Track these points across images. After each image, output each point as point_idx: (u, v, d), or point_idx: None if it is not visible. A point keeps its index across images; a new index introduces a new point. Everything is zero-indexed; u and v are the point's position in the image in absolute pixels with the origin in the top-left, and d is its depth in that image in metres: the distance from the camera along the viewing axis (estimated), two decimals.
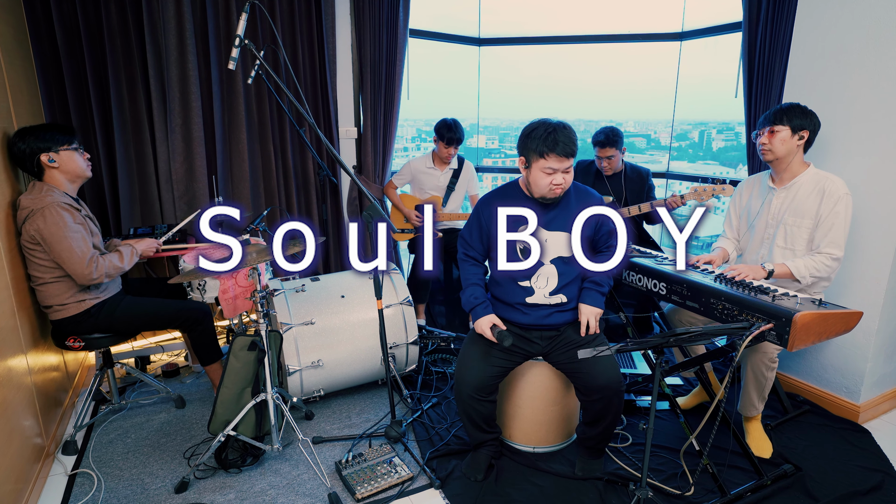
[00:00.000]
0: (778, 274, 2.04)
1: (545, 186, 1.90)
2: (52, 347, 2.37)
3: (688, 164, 4.27)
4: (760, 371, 2.16)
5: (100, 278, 2.10)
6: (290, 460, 2.21)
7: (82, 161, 2.17)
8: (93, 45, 2.77)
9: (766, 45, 2.73)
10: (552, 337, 2.05)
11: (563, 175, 1.88)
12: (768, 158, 2.17)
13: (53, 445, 2.25)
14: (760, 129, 2.19)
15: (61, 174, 2.12)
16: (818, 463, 2.19)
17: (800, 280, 2.04)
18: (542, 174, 1.88)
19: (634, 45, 3.84)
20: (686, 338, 1.56)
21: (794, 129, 2.10)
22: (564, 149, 1.83)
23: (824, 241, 2.06)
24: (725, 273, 1.98)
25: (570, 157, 1.86)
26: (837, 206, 2.04)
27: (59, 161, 2.10)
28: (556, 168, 1.86)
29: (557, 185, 1.89)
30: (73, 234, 2.03)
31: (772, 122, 2.13)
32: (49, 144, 2.08)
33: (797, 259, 2.08)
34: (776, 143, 2.13)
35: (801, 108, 2.12)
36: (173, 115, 2.93)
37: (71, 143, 2.13)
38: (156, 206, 3.04)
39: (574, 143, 1.86)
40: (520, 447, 2.28)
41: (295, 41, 3.21)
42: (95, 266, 2.08)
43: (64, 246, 2.01)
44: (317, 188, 3.46)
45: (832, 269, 2.06)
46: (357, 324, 2.58)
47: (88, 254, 2.07)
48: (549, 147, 1.83)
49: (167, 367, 2.95)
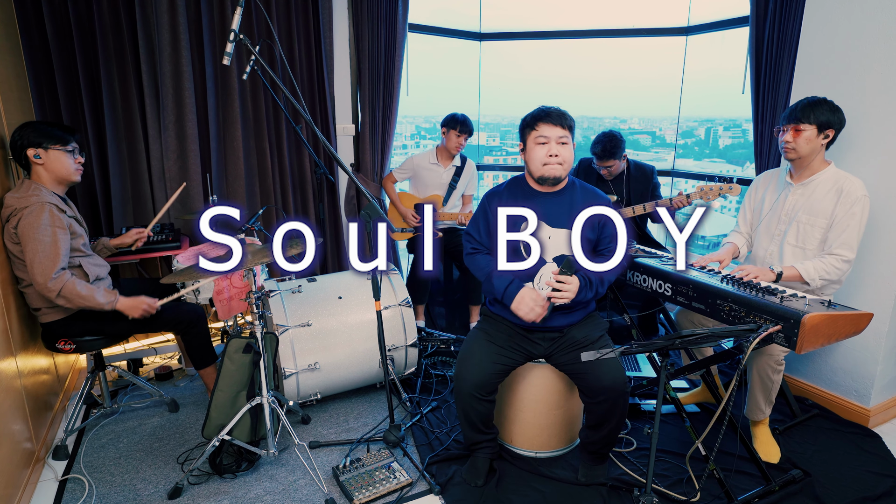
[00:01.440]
0: (786, 277, 2.04)
1: (541, 161, 1.93)
2: (43, 350, 2.36)
3: (694, 162, 4.27)
4: (767, 374, 2.16)
5: (51, 293, 2.01)
6: (286, 465, 2.21)
7: (71, 164, 2.16)
8: (84, 40, 2.77)
9: (775, 40, 2.73)
10: (554, 339, 2.06)
11: (559, 146, 1.91)
12: (791, 157, 2.15)
13: (44, 450, 2.24)
14: (784, 126, 2.14)
15: (46, 173, 2.12)
16: (827, 468, 2.19)
17: (809, 283, 2.04)
18: (537, 147, 1.93)
19: (639, 40, 3.84)
20: (692, 340, 1.56)
21: (821, 127, 2.06)
22: (555, 118, 1.90)
23: (836, 241, 2.06)
24: (734, 274, 1.98)
25: (564, 127, 1.90)
26: (854, 208, 2.02)
27: (45, 159, 2.09)
28: (549, 136, 1.90)
29: (553, 156, 1.91)
30: (44, 237, 2.00)
31: (797, 120, 2.08)
32: (41, 140, 2.08)
33: (806, 261, 2.07)
34: (801, 143, 2.09)
35: (828, 104, 2.06)
36: (166, 112, 2.92)
37: (65, 144, 2.12)
38: (148, 204, 3.04)
39: (567, 116, 1.92)
40: (521, 452, 2.28)
41: (291, 36, 3.21)
42: (55, 279, 2.00)
43: (29, 248, 1.99)
44: (314, 187, 3.46)
45: (843, 271, 2.05)
46: (355, 325, 2.58)
47: (54, 265, 2.00)
48: (539, 117, 1.92)
49: (160, 369, 2.95)
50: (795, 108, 2.10)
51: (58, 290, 2.03)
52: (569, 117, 1.96)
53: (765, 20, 2.77)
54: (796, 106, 2.11)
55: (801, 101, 2.12)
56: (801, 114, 2.07)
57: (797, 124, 2.08)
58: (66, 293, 2.05)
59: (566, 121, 1.94)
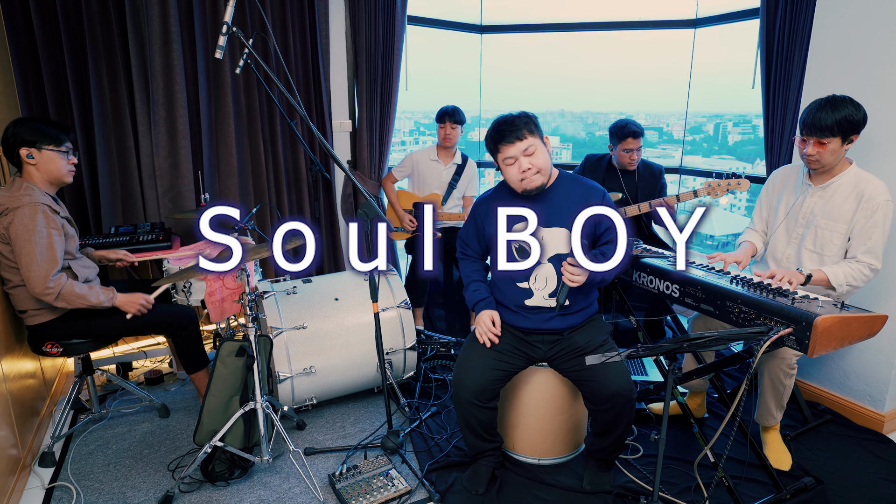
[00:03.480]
0: (815, 280, 2.02)
1: (516, 178, 1.94)
2: (29, 353, 2.37)
3: (702, 159, 4.27)
4: (778, 378, 2.16)
5: (49, 297, 2.03)
6: (280, 473, 2.21)
7: (64, 166, 2.16)
8: (71, 33, 2.77)
9: (786, 32, 2.72)
10: (554, 341, 2.06)
11: (527, 159, 1.90)
12: (815, 167, 2.11)
13: (30, 457, 2.24)
14: (805, 137, 2.06)
15: (39, 173, 2.12)
16: (840, 475, 2.19)
17: (836, 288, 2.03)
18: (507, 168, 1.94)
19: (645, 33, 3.84)
20: (700, 343, 1.56)
21: (846, 136, 2.00)
22: (509, 135, 1.88)
23: (861, 249, 2.04)
24: (763, 280, 1.93)
25: (519, 139, 1.88)
26: (876, 216, 2.00)
27: (37, 159, 2.10)
28: (514, 155, 1.90)
29: (525, 170, 1.91)
30: (40, 240, 2.01)
31: (821, 133, 1.99)
32: (34, 139, 2.08)
33: (833, 266, 2.06)
34: (826, 156, 2.03)
35: (849, 105, 1.97)
36: (157, 107, 2.92)
37: (59, 145, 2.13)
38: (138, 203, 3.04)
39: (519, 121, 1.88)
40: (524, 459, 2.28)
41: (286, 28, 3.21)
42: (53, 280, 2.02)
43: (26, 250, 1.99)
44: (309, 185, 3.46)
45: (869, 279, 2.06)
46: (352, 328, 2.58)
47: (53, 268, 2.02)
48: (495, 141, 1.91)
49: (150, 373, 2.95)
50: (817, 118, 1.98)
51: (57, 293, 2.04)
52: (526, 124, 1.88)
53: (776, 12, 2.77)
54: (817, 114, 1.99)
55: (819, 105, 2.00)
56: (824, 125, 1.97)
57: (820, 137, 2.00)
58: (65, 294, 2.06)
59: (524, 130, 1.87)
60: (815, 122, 2.00)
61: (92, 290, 2.14)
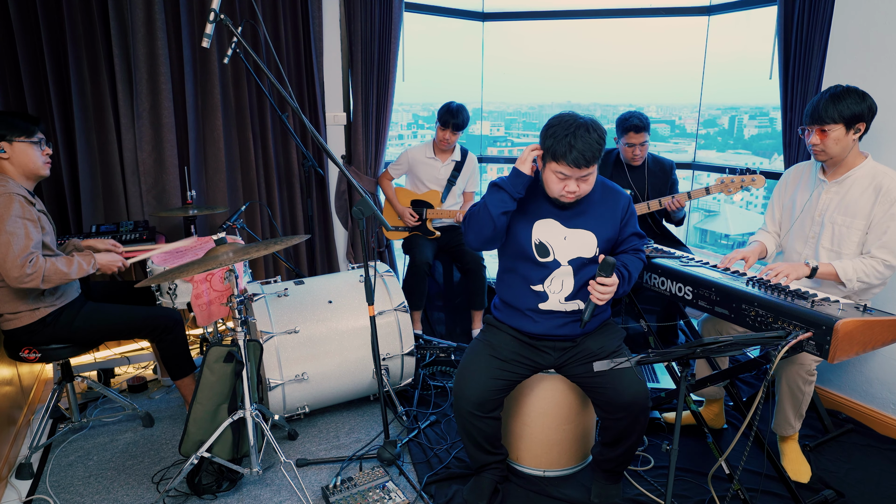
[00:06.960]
0: (822, 273, 2.03)
1: (557, 191, 1.89)
2: (5, 359, 2.37)
3: (716, 154, 4.27)
4: (797, 385, 2.16)
5: (33, 281, 2.01)
6: (271, 485, 2.21)
7: (38, 157, 2.16)
8: (50, 21, 2.77)
9: (805, 20, 2.72)
10: (566, 348, 2.05)
11: (578, 182, 1.86)
12: (822, 159, 2.13)
13: (6, 469, 2.24)
14: (807, 127, 2.10)
15: (13, 167, 2.12)
16: (863, 488, 2.19)
17: (845, 283, 2.03)
18: (554, 177, 1.87)
19: (657, 20, 3.84)
20: (715, 348, 1.56)
21: (849, 123, 2.02)
22: (579, 158, 1.78)
23: (876, 244, 2.05)
24: (760, 275, 1.97)
25: (587, 165, 1.81)
26: (893, 209, 2.01)
27: (10, 153, 2.10)
28: (568, 175, 1.84)
29: (571, 192, 1.87)
30: (16, 229, 1.99)
31: (821, 121, 2.04)
32: (4, 133, 2.08)
33: (845, 260, 2.07)
34: (829, 144, 2.06)
35: (853, 94, 2.00)
36: (140, 99, 2.93)
37: (30, 136, 2.13)
38: (121, 200, 3.04)
39: (595, 149, 1.80)
40: (528, 471, 2.28)
41: (277, 16, 3.21)
42: (31, 264, 1.99)
43: (2, 240, 1.97)
44: (301, 181, 3.46)
45: (884, 277, 2.05)
46: (346, 332, 2.58)
47: (24, 252, 2.00)
48: (561, 152, 1.80)
49: (133, 380, 2.95)
50: (817, 106, 2.05)
51: (40, 276, 2.02)
52: (597, 148, 1.80)
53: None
54: (817, 103, 2.05)
55: (822, 96, 2.06)
56: (824, 112, 2.02)
57: (821, 125, 2.05)
58: (48, 275, 2.04)
59: (592, 155, 1.80)
60: (814, 110, 2.06)
61: (72, 262, 2.13)
